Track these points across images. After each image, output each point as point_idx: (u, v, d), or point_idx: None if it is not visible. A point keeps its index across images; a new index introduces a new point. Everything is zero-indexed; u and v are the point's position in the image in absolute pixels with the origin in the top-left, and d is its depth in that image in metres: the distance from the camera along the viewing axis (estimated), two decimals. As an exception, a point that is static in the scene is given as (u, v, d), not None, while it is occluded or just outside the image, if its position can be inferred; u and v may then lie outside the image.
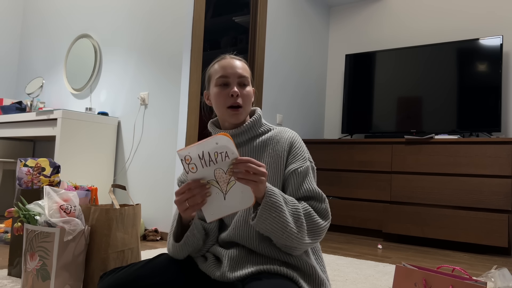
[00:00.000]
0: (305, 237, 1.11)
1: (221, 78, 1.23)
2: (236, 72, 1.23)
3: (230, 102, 1.22)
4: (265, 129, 1.28)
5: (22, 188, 1.84)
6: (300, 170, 1.19)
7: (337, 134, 4.37)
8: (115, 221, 1.60)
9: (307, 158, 1.23)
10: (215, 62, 1.29)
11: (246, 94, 1.24)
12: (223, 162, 0.99)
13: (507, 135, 3.46)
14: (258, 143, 1.25)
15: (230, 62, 1.25)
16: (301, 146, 1.24)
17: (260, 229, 1.09)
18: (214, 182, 1.01)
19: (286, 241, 1.09)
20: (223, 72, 1.23)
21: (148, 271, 1.16)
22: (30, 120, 3.11)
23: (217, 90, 1.24)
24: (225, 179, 1.00)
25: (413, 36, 4.00)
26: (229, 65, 1.24)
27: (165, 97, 2.98)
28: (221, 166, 1.00)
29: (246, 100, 1.24)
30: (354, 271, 2.23)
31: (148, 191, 3.01)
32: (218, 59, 1.29)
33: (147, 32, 3.15)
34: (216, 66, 1.27)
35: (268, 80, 3.62)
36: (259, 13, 3.50)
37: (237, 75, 1.23)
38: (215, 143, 0.98)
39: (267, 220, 1.06)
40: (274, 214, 1.06)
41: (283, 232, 1.07)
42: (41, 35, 4.06)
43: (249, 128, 1.26)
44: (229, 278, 1.13)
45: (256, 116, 1.28)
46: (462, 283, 1.08)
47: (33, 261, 1.49)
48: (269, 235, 1.10)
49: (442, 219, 3.18)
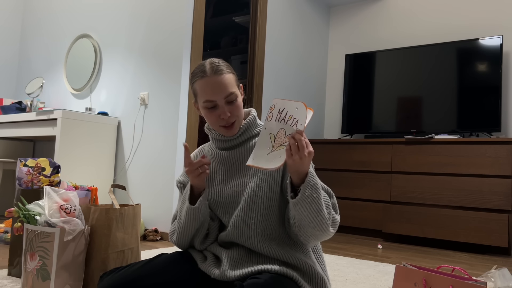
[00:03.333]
0: (330, 226, 1.12)
1: (208, 103, 1.19)
2: (222, 93, 1.18)
3: (222, 123, 1.21)
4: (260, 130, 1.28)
5: (22, 188, 1.84)
6: None
7: (337, 134, 4.37)
8: (115, 221, 1.60)
9: None
10: (196, 79, 1.21)
11: (236, 107, 1.21)
12: (290, 126, 1.07)
13: (507, 135, 3.46)
14: (254, 143, 1.25)
15: (213, 82, 1.18)
16: None
17: (299, 208, 1.07)
18: (273, 137, 1.10)
19: (316, 226, 1.09)
20: (209, 97, 1.18)
21: (148, 271, 1.17)
22: (30, 120, 3.11)
23: (206, 112, 1.22)
24: (281, 141, 1.08)
25: (413, 36, 4.00)
26: (213, 86, 1.18)
27: (165, 97, 2.98)
28: (287, 128, 1.08)
29: (237, 113, 1.22)
30: (354, 271, 2.23)
31: (148, 191, 3.01)
32: (199, 74, 1.20)
33: (147, 32, 3.15)
34: (199, 85, 1.20)
35: (268, 80, 3.62)
36: (259, 13, 3.50)
37: (224, 96, 1.18)
38: (296, 107, 1.06)
39: (308, 199, 1.06)
40: (314, 194, 1.07)
41: (317, 215, 1.08)
42: (41, 35, 4.06)
43: (244, 130, 1.26)
44: (229, 277, 1.13)
45: (250, 117, 1.28)
46: (462, 283, 1.08)
47: (33, 261, 1.49)
48: (303, 216, 1.08)
49: (442, 219, 3.18)
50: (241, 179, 1.23)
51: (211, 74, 1.19)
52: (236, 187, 1.24)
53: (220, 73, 1.19)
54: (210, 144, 1.35)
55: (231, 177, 1.26)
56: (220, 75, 1.19)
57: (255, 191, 1.19)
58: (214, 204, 1.26)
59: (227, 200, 1.24)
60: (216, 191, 1.27)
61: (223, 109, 1.19)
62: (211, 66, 1.20)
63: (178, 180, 1.35)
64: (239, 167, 1.25)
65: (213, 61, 1.22)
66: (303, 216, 1.08)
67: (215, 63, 1.21)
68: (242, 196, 1.22)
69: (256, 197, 1.19)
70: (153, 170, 3.00)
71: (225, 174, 1.27)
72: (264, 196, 1.18)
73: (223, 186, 1.26)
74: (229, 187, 1.25)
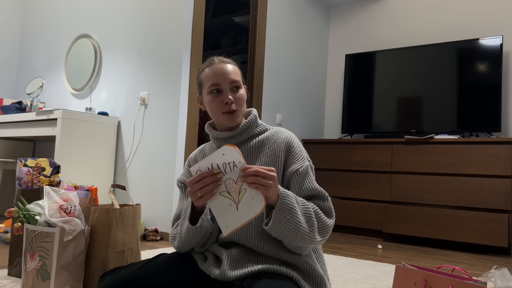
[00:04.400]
0: (316, 235, 1.12)
1: (213, 86, 1.22)
2: (227, 78, 1.22)
3: (225, 108, 1.22)
4: (261, 129, 1.29)
5: (22, 188, 1.84)
6: (301, 170, 1.20)
7: (337, 134, 4.37)
8: (115, 221, 1.60)
9: (305, 157, 1.24)
10: (204, 67, 1.27)
11: (240, 97, 1.24)
12: (232, 172, 1.02)
13: (507, 135, 3.46)
14: (254, 143, 1.26)
15: (220, 68, 1.24)
16: (299, 146, 1.25)
17: (274, 232, 1.09)
18: (226, 194, 1.04)
19: (299, 242, 1.10)
20: (215, 80, 1.22)
21: (148, 271, 1.16)
22: (30, 120, 3.11)
23: (211, 98, 1.24)
24: (236, 189, 1.03)
25: (413, 36, 4.00)
26: (219, 71, 1.23)
27: (165, 97, 2.98)
28: (231, 176, 1.03)
29: (240, 103, 1.24)
30: (354, 271, 2.23)
31: (148, 191, 3.01)
32: (207, 64, 1.27)
33: (147, 32, 3.15)
34: (206, 72, 1.25)
35: (268, 80, 3.62)
36: (259, 13, 3.50)
37: (229, 81, 1.22)
38: (222, 154, 1.01)
39: (281, 223, 1.07)
40: (288, 216, 1.06)
41: (296, 233, 1.08)
42: (41, 35, 4.06)
43: (245, 129, 1.26)
44: (229, 277, 1.13)
45: (251, 117, 1.28)
46: (462, 283, 1.08)
47: (33, 261, 1.49)
48: (282, 238, 1.10)
49: (442, 219, 3.18)
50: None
51: (218, 62, 1.25)
52: None
53: (227, 62, 1.26)
54: (210, 144, 1.35)
55: None
56: (227, 63, 1.25)
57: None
58: None
59: None
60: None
61: (227, 94, 1.22)
62: (219, 58, 1.27)
63: (178, 179, 1.35)
64: None
65: (221, 56, 1.29)
66: (282, 237, 1.09)
67: (223, 57, 1.28)
68: None
69: None
70: (153, 170, 3.00)
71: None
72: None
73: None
74: None
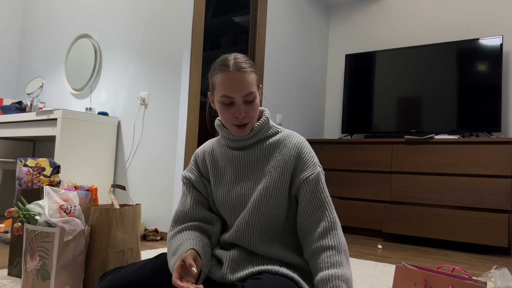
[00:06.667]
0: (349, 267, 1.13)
1: (225, 98, 1.15)
2: (242, 91, 1.13)
3: (236, 121, 1.17)
4: (273, 132, 1.25)
5: (22, 188, 1.84)
6: (311, 178, 1.17)
7: (337, 134, 4.37)
8: (115, 221, 1.60)
9: (316, 163, 1.21)
10: (217, 71, 1.16)
11: (252, 108, 1.16)
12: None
13: (507, 135, 3.46)
14: (266, 145, 1.23)
15: (235, 79, 1.13)
16: (310, 152, 1.22)
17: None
18: None
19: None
20: (228, 92, 1.14)
21: (148, 271, 1.16)
22: (30, 120, 3.11)
23: (222, 107, 1.17)
24: None
25: (413, 36, 4.00)
26: (234, 83, 1.13)
27: (165, 97, 2.98)
28: None
29: (252, 115, 1.17)
30: (354, 271, 2.23)
31: (148, 191, 3.01)
32: (221, 67, 1.16)
33: (147, 32, 3.15)
34: (220, 79, 1.15)
35: (268, 80, 3.62)
36: (259, 13, 3.50)
37: (242, 94, 1.14)
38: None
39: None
40: None
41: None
42: (41, 35, 4.06)
43: (256, 132, 1.22)
44: (230, 280, 1.13)
45: (263, 119, 1.24)
46: (462, 283, 1.08)
47: (33, 261, 1.49)
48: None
49: (442, 219, 3.18)
50: (250, 182, 1.21)
51: (234, 69, 1.14)
52: (244, 190, 1.21)
53: (243, 70, 1.14)
54: (218, 140, 1.30)
55: (240, 178, 1.23)
56: (242, 73, 1.14)
57: (263, 195, 1.17)
58: (221, 204, 1.25)
59: (234, 202, 1.22)
60: (223, 192, 1.25)
61: (239, 108, 1.14)
62: (235, 61, 1.15)
63: (184, 175, 1.31)
64: (248, 168, 1.23)
65: (237, 57, 1.17)
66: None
67: (239, 59, 1.16)
68: (249, 199, 1.20)
69: (263, 202, 1.17)
70: (153, 170, 3.00)
71: (233, 174, 1.24)
72: (271, 201, 1.17)
73: (230, 187, 1.24)
74: (237, 189, 1.22)
